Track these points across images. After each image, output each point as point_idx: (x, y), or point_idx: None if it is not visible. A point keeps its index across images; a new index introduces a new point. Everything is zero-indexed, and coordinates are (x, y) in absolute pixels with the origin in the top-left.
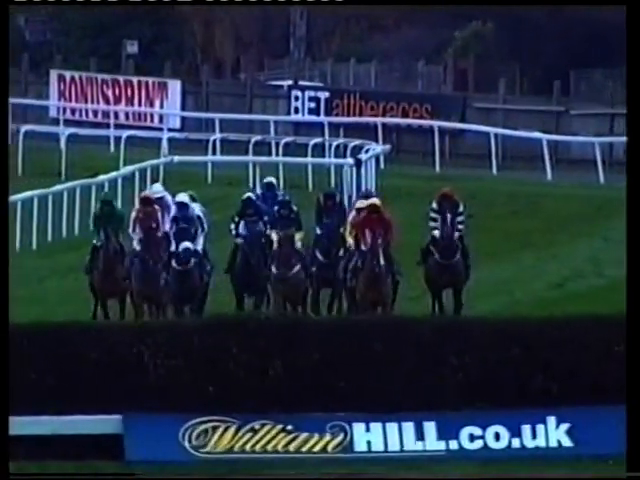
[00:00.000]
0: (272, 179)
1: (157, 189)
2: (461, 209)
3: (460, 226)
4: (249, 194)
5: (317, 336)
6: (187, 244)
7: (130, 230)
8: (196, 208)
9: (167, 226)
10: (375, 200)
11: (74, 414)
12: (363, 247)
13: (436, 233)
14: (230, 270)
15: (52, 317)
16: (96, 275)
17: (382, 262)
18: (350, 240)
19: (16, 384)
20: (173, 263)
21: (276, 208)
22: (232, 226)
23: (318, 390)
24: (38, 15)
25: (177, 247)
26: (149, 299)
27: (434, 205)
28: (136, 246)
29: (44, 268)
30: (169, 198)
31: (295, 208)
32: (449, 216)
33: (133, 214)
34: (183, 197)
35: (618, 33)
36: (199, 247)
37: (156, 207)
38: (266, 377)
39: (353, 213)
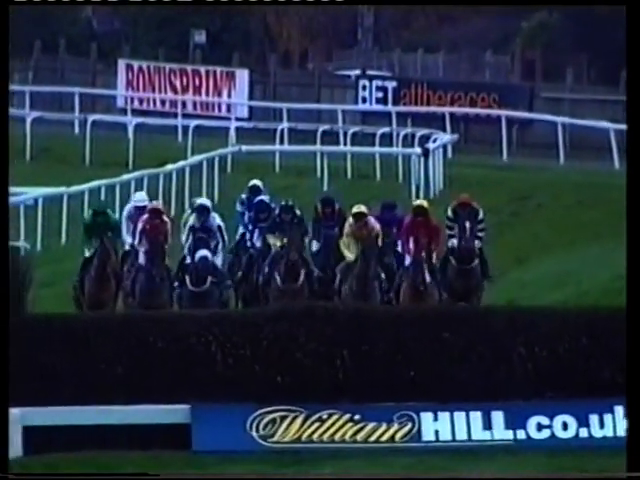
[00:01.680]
0: (257, 182)
1: (141, 197)
2: (481, 216)
3: (480, 234)
4: (262, 197)
5: (385, 325)
6: (204, 252)
7: (136, 242)
8: (217, 218)
9: (183, 237)
10: (422, 201)
11: (142, 404)
12: (407, 261)
13: (454, 242)
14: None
15: None
16: (88, 287)
17: (427, 278)
18: (347, 254)
19: (86, 374)
20: (187, 283)
21: (277, 212)
22: (246, 235)
23: (386, 380)
24: (106, 6)
25: (193, 258)
26: None
27: (450, 214)
28: (141, 260)
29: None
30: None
31: (299, 212)
32: (468, 225)
33: (140, 225)
34: (205, 201)
35: None
36: (219, 262)
37: (165, 219)
38: (334, 367)
39: (350, 221)
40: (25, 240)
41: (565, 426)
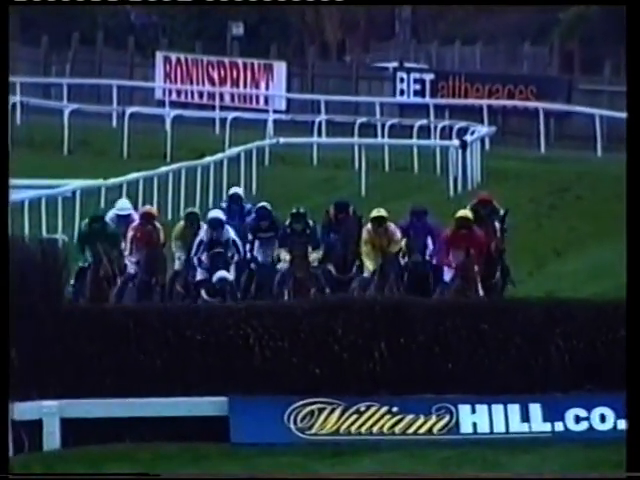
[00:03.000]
0: (238, 190)
1: (123, 205)
2: (501, 213)
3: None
4: (263, 203)
5: (423, 317)
6: (224, 274)
7: (127, 252)
8: (230, 231)
9: (193, 250)
10: (466, 212)
11: (180, 396)
12: (446, 275)
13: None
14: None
15: None
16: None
17: (481, 293)
18: (368, 264)
19: (124, 367)
20: (203, 294)
21: (288, 222)
22: (246, 246)
23: (423, 372)
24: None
25: (210, 276)
26: None
27: (468, 213)
28: (130, 270)
29: None
30: (137, 216)
31: (311, 222)
32: (497, 224)
33: (130, 233)
34: (217, 213)
35: None
36: (231, 277)
37: (157, 225)
38: (371, 359)
39: (368, 227)
40: (63, 232)
41: (603, 418)
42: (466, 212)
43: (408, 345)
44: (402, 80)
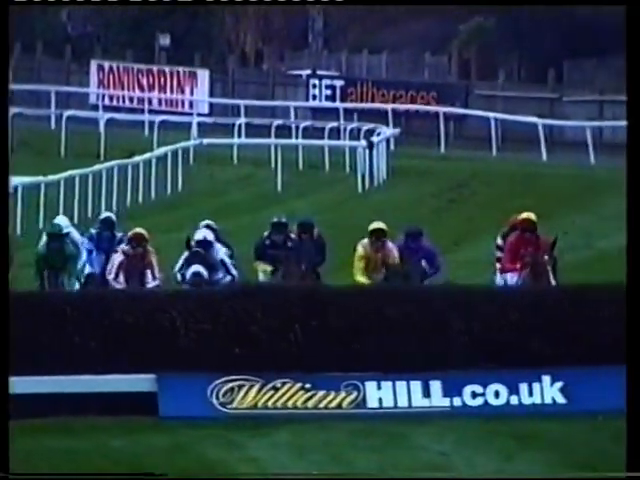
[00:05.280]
0: (110, 214)
1: (62, 223)
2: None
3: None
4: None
5: (334, 303)
6: (198, 268)
7: (111, 277)
8: (220, 250)
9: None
10: (530, 214)
11: (114, 374)
12: (511, 281)
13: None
14: None
15: None
16: None
17: (554, 282)
18: (360, 279)
19: (64, 347)
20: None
21: (267, 233)
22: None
23: (334, 352)
24: (80, 10)
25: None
26: None
27: (499, 241)
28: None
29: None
30: (77, 236)
31: (293, 235)
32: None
33: (117, 257)
34: (204, 233)
35: (607, 27)
36: (206, 273)
37: (150, 249)
38: (287, 340)
39: (364, 242)
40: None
41: (497, 394)
42: (531, 215)
43: (320, 328)
44: (314, 86)
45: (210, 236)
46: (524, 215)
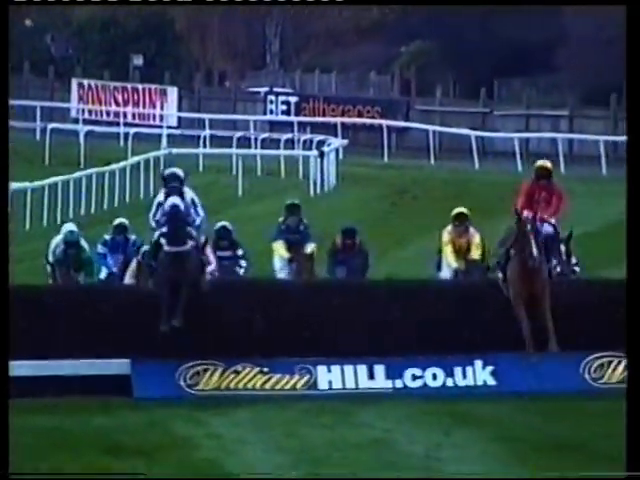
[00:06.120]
0: (123, 220)
1: (74, 229)
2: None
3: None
4: (224, 223)
5: (290, 295)
6: (175, 200)
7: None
8: (188, 193)
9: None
10: (546, 162)
11: (93, 358)
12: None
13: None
14: None
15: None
16: None
17: (535, 252)
18: (452, 261)
19: (45, 335)
20: (164, 244)
21: (282, 217)
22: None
23: (289, 339)
24: (62, 34)
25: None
26: None
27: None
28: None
29: None
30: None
31: (306, 221)
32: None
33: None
34: (175, 170)
35: (533, 48)
36: (197, 224)
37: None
38: (248, 329)
39: (448, 228)
40: None
41: (435, 377)
42: (546, 162)
43: (277, 317)
44: (271, 102)
45: (181, 173)
46: (540, 163)
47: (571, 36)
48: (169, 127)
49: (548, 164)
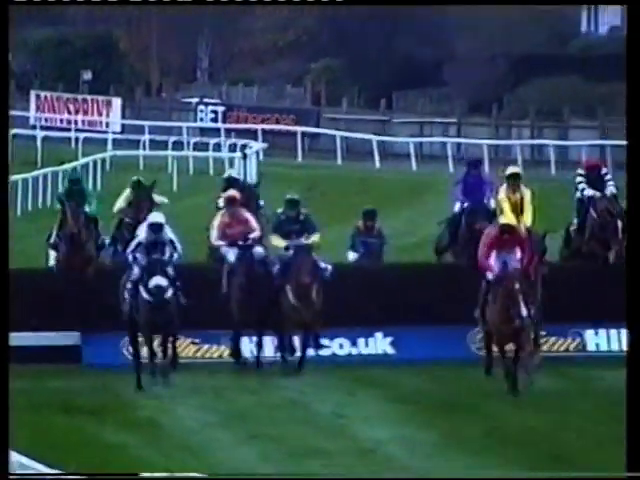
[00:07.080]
0: (159, 217)
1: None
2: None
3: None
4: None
5: (212, 279)
6: (159, 281)
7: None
8: (169, 232)
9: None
10: (511, 220)
11: (49, 331)
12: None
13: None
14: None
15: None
16: (62, 250)
17: (524, 312)
18: (510, 217)
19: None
20: (142, 291)
21: (282, 209)
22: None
23: (218, 313)
24: (22, 52)
25: (147, 278)
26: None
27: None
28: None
29: (29, 228)
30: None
31: (304, 210)
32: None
33: (218, 220)
34: (158, 217)
35: (427, 63)
36: (171, 272)
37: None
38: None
39: (504, 186)
40: None
41: (341, 346)
42: (511, 220)
43: (202, 296)
44: (202, 111)
45: (162, 220)
46: (504, 220)
47: (459, 53)
48: (114, 132)
49: (513, 221)
